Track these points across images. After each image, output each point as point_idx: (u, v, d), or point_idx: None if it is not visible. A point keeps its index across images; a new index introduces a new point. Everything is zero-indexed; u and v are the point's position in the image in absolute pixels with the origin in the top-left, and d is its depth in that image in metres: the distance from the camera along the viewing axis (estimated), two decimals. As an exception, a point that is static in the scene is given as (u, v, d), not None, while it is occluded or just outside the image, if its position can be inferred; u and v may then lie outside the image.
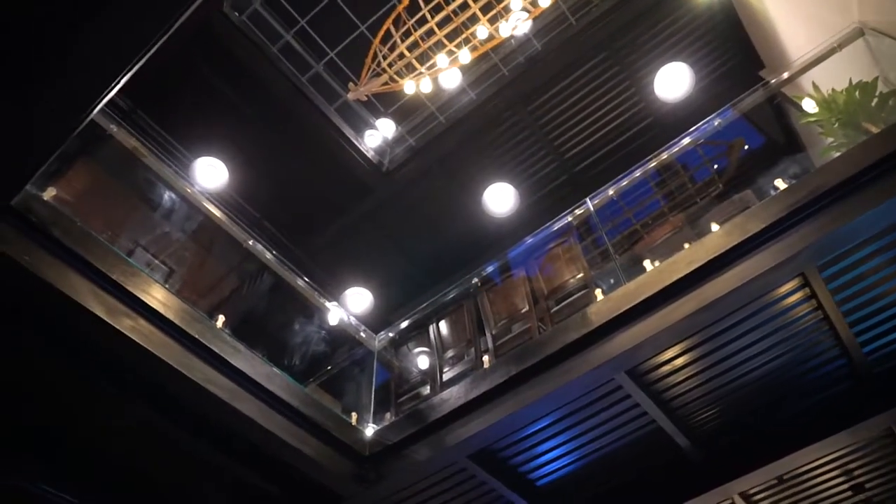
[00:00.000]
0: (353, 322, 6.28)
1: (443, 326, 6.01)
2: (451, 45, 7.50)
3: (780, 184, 4.06)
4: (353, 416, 5.00)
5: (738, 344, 4.15)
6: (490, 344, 5.55)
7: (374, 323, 6.58)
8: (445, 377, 5.62)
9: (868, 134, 4.16)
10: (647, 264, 4.35)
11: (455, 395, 4.52)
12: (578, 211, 5.78)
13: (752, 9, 6.95)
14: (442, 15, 7.33)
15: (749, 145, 7.01)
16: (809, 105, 4.97)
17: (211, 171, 6.40)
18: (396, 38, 7.46)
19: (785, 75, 5.47)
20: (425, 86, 7.75)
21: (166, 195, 5.22)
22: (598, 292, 4.52)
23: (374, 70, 7.69)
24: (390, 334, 6.32)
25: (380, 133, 9.16)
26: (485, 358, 5.12)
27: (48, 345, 3.74)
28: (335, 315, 6.17)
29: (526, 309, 5.51)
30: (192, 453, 4.51)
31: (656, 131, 8.17)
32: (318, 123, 8.52)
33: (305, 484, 4.67)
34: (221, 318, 4.30)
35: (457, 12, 7.31)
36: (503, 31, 7.30)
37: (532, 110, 8.44)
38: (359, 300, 7.04)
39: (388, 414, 5.67)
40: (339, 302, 6.53)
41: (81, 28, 2.56)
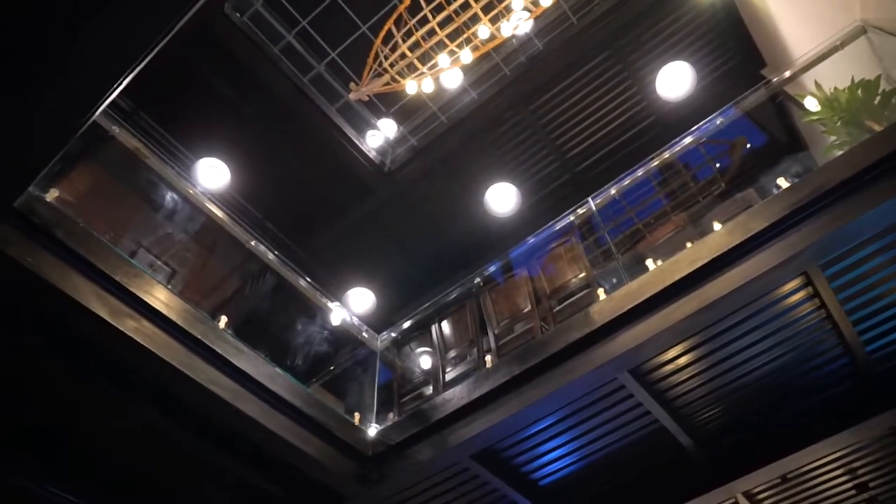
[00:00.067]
0: (356, 322, 6.27)
1: (445, 326, 6.01)
2: (453, 45, 7.50)
3: (782, 182, 4.04)
4: (356, 416, 5.00)
5: (741, 343, 4.14)
6: (492, 344, 5.54)
7: (376, 323, 6.58)
8: (448, 377, 5.62)
9: (871, 132, 4.15)
10: (649, 263, 4.35)
11: (458, 394, 4.52)
12: (580, 210, 5.77)
13: (753, 7, 6.93)
14: (443, 15, 7.33)
15: (751, 144, 7.00)
16: (811, 103, 4.96)
17: (213, 172, 6.42)
18: (398, 38, 7.45)
19: (787, 74, 5.45)
20: (427, 86, 7.75)
21: (168, 196, 5.23)
22: (600, 292, 4.52)
23: (376, 70, 7.69)
24: (393, 334, 6.31)
25: (381, 133, 9.14)
26: (487, 358, 5.12)
27: (51, 346, 3.75)
28: (337, 315, 6.17)
29: (528, 308, 5.51)
30: (194, 454, 4.51)
31: (658, 130, 8.16)
32: (320, 124, 8.51)
33: (308, 484, 4.68)
34: (224, 319, 4.30)
35: (458, 12, 7.31)
36: (505, 31, 7.29)
37: (534, 110, 8.43)
38: (361, 300, 7.06)
39: (391, 414, 5.67)
40: (342, 302, 6.53)
41: (82, 29, 2.56)
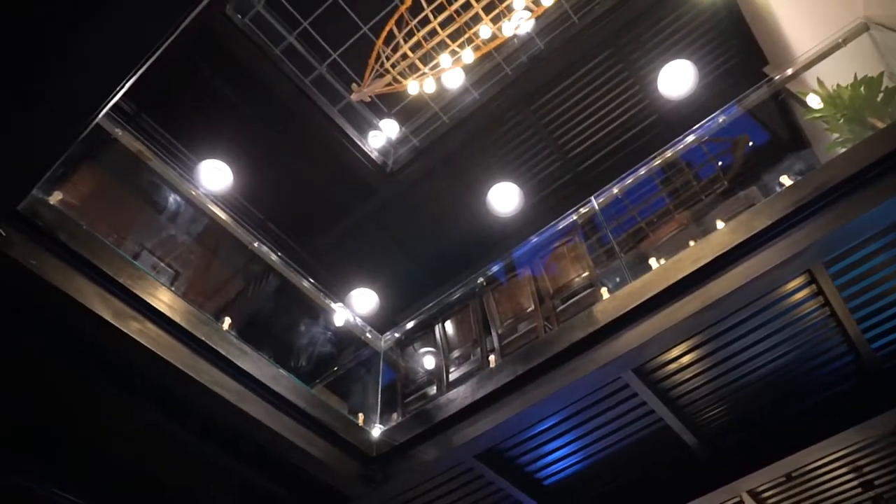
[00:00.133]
0: (359, 323, 6.28)
1: (448, 326, 6.01)
2: (454, 45, 7.50)
3: (785, 180, 4.03)
4: (360, 416, 5.00)
5: (745, 341, 4.13)
6: (496, 343, 5.54)
7: (379, 324, 6.59)
8: (452, 377, 5.62)
9: (874, 129, 4.13)
10: (652, 262, 4.34)
11: (461, 394, 4.52)
12: (583, 209, 5.76)
13: (755, 5, 6.92)
14: (445, 15, 7.33)
15: (753, 142, 7.00)
16: (814, 101, 4.94)
17: (215, 174, 6.42)
18: (399, 38, 7.46)
19: (789, 71, 5.43)
20: (428, 86, 7.76)
21: (171, 198, 5.24)
22: (603, 291, 4.51)
23: (378, 71, 7.69)
24: (396, 335, 6.31)
25: (383, 134, 9.15)
26: (491, 357, 5.13)
27: (54, 347, 3.74)
28: (341, 316, 6.17)
29: (532, 308, 5.51)
30: (198, 455, 4.52)
31: (660, 129, 8.15)
32: (322, 125, 8.52)
33: (312, 485, 4.68)
34: (228, 321, 4.30)
35: (459, 12, 7.31)
36: (506, 31, 7.29)
37: (535, 109, 8.43)
38: (364, 301, 7.06)
39: (395, 414, 5.67)
40: (345, 303, 6.53)
41: (85, 32, 2.57)
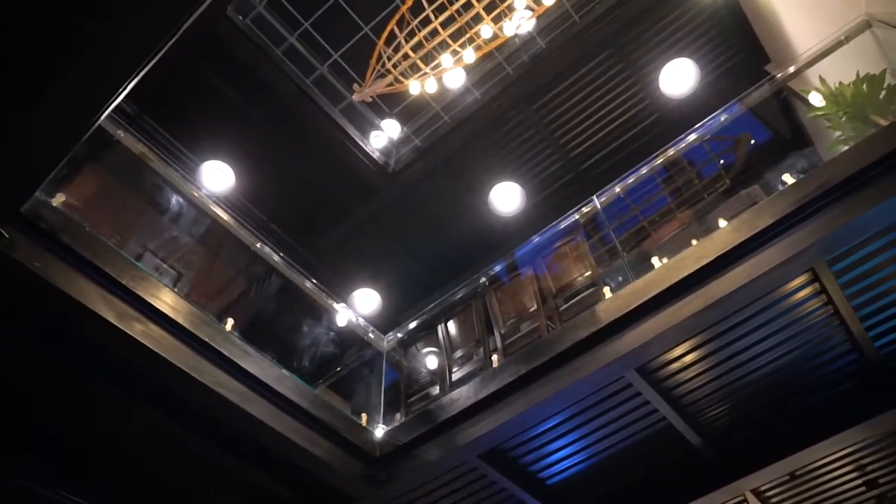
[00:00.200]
0: (362, 323, 6.28)
1: (451, 326, 6.01)
2: (456, 45, 7.51)
3: (787, 178, 4.03)
4: (363, 417, 5.00)
5: (748, 340, 4.13)
6: (499, 343, 5.54)
7: (382, 324, 6.58)
8: (455, 377, 5.62)
9: (876, 127, 4.12)
10: (655, 261, 4.34)
11: (465, 394, 4.51)
12: (585, 209, 5.76)
13: (756, 2, 6.91)
14: (446, 15, 7.33)
15: (755, 140, 6.99)
16: (816, 99, 4.93)
17: (217, 175, 6.41)
18: (400, 38, 7.46)
19: (791, 69, 5.42)
20: (430, 86, 7.76)
21: (174, 199, 5.24)
22: (606, 290, 4.51)
23: (379, 71, 7.70)
24: (399, 335, 6.31)
25: (385, 134, 9.16)
26: (494, 357, 5.13)
27: (55, 348, 3.75)
28: (343, 316, 6.18)
29: (534, 308, 5.50)
30: (202, 456, 4.52)
31: (662, 128, 8.14)
32: (324, 125, 8.53)
33: (316, 485, 4.68)
34: (230, 321, 4.31)
35: (460, 12, 7.31)
36: (507, 30, 7.29)
37: (537, 109, 8.43)
38: (367, 301, 7.05)
39: (398, 414, 5.67)
40: (347, 303, 6.53)
41: (88, 34, 2.58)
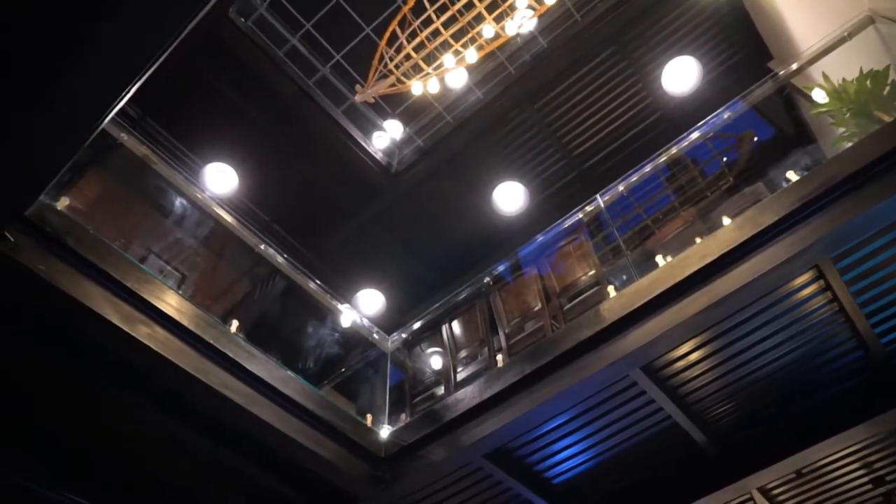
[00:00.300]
0: (366, 324, 6.28)
1: (455, 326, 6.01)
2: (457, 45, 7.50)
3: (791, 176, 4.02)
4: (368, 417, 5.01)
5: (753, 337, 4.12)
6: (503, 343, 5.54)
7: (386, 324, 6.58)
8: (459, 377, 5.61)
9: (880, 123, 4.12)
10: (659, 260, 4.33)
11: (469, 394, 4.52)
12: (589, 208, 5.76)
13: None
14: (447, 15, 7.33)
15: (759, 137, 6.96)
16: (819, 95, 4.92)
17: (221, 177, 6.41)
18: (402, 39, 7.46)
19: (794, 66, 5.41)
20: (432, 86, 7.75)
21: (177, 201, 5.25)
22: (610, 289, 4.50)
23: (381, 72, 7.70)
24: (403, 335, 6.32)
25: (387, 134, 9.15)
26: (498, 357, 5.12)
27: (59, 348, 3.76)
28: (348, 317, 6.17)
29: (538, 307, 5.50)
30: (208, 458, 4.53)
31: (665, 126, 8.13)
32: (326, 126, 8.54)
33: (322, 486, 4.69)
34: (235, 323, 4.31)
35: (462, 12, 7.31)
36: (509, 30, 7.28)
37: (539, 108, 8.42)
38: (371, 302, 7.04)
39: (403, 415, 5.67)
40: (351, 304, 6.53)
41: (92, 37, 2.58)
